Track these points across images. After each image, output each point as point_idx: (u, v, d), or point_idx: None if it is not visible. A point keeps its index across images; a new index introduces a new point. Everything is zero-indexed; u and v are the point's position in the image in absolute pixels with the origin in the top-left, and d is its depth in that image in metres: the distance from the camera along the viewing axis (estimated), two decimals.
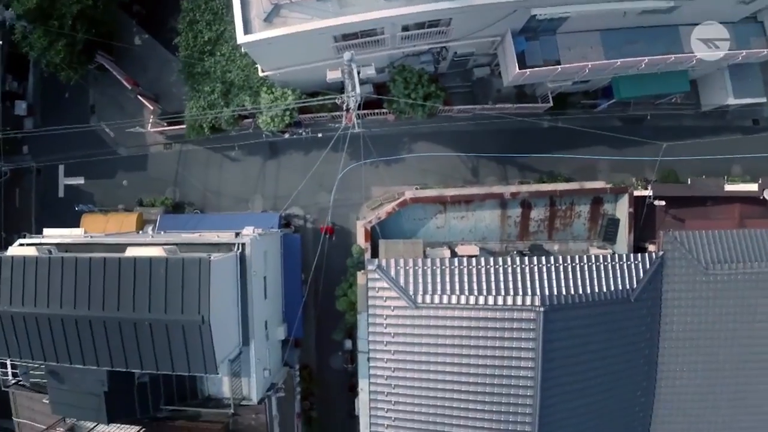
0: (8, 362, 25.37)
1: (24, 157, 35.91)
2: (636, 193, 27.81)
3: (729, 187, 29.10)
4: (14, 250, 23.61)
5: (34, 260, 21.85)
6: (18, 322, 21.85)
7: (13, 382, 26.12)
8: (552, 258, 24.39)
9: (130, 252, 22.51)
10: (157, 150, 35.16)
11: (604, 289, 24.11)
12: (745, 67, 31.75)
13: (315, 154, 31.45)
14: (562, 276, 24.05)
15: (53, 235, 25.53)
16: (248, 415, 25.96)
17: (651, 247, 26.42)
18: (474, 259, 24.49)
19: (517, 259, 24.34)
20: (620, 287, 24.34)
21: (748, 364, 25.86)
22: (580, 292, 23.75)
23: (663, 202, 27.04)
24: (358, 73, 23.14)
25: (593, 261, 24.51)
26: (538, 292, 23.36)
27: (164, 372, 22.04)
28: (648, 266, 24.86)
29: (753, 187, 28.21)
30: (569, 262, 24.34)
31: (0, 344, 22.29)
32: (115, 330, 21.37)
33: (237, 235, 24.62)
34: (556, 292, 23.51)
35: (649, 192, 27.42)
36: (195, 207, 34.36)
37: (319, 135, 31.16)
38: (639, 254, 25.06)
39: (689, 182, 30.38)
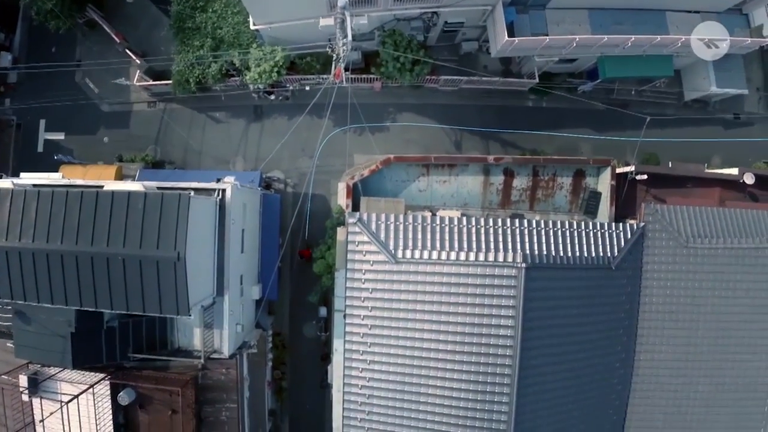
0: None
1: (5, 110, 35.33)
2: (618, 170, 27.87)
3: (710, 170, 29.44)
4: None
5: (9, 192, 21.38)
6: None
7: None
8: (534, 222, 24.26)
9: (109, 187, 22.10)
10: (140, 108, 34.67)
11: (585, 254, 23.99)
12: (729, 58, 32.19)
13: (298, 119, 31.19)
14: (543, 239, 23.89)
15: (31, 178, 24.97)
16: (218, 369, 25.46)
17: (631, 222, 26.43)
18: (456, 219, 24.24)
19: (499, 220, 24.19)
20: (601, 254, 24.21)
21: (726, 340, 25.71)
22: (561, 254, 23.62)
23: (645, 176, 27.09)
24: (351, 23, 23.13)
25: (575, 227, 24.43)
26: (520, 251, 23.18)
27: (135, 312, 21.43)
28: (629, 236, 24.82)
29: (734, 170, 28.48)
30: (551, 226, 24.22)
31: None
32: (86, 266, 20.83)
33: (218, 181, 24.26)
34: (537, 253, 23.31)
35: (630, 168, 27.50)
36: (175, 165, 33.87)
37: (307, 88, 31.29)
38: (620, 224, 25.02)
39: (670, 165, 30.72)
